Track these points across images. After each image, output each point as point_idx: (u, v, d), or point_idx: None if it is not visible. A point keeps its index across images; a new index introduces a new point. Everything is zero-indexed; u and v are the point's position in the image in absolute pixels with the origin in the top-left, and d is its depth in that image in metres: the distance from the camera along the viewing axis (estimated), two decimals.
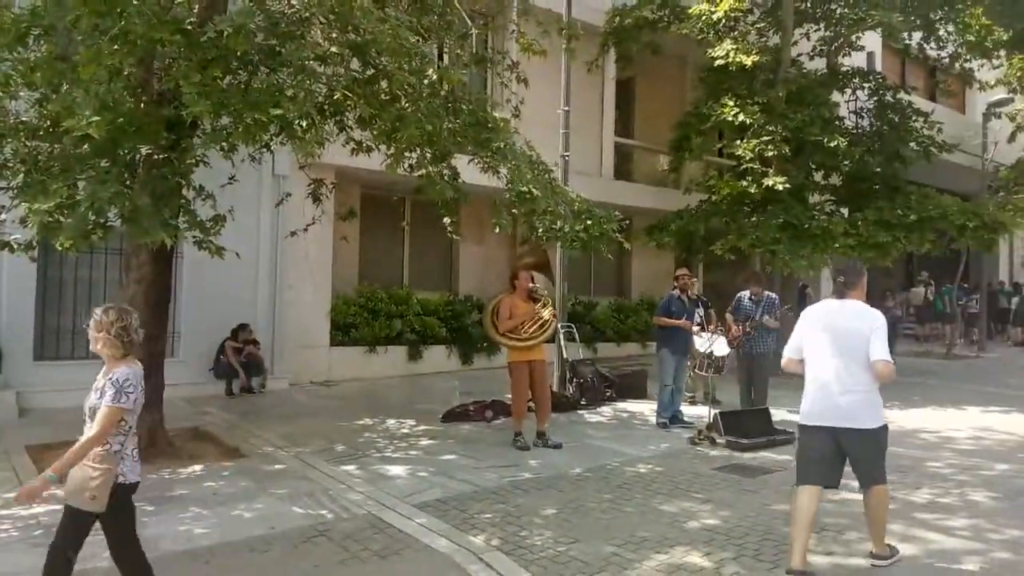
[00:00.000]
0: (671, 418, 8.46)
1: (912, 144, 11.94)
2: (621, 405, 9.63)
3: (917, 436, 8.04)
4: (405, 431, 7.93)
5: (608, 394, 9.84)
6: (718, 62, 11.29)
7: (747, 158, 10.87)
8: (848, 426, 4.07)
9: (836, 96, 13.28)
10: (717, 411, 7.60)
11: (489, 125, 6.55)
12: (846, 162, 11.51)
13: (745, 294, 8.65)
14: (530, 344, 7.12)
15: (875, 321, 4.10)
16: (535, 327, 7.12)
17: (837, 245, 10.88)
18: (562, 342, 9.96)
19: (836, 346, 4.12)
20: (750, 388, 8.50)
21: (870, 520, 4.32)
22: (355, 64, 6.13)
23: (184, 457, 6.79)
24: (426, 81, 5.76)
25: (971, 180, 17.68)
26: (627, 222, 14.67)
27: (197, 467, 6.42)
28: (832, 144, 10.52)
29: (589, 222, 7.61)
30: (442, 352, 12.24)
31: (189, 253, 10.01)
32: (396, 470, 6.34)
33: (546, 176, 7.75)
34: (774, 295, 8.73)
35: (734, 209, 11.85)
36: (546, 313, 7.21)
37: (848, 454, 4.14)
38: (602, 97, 14.80)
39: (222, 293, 10.05)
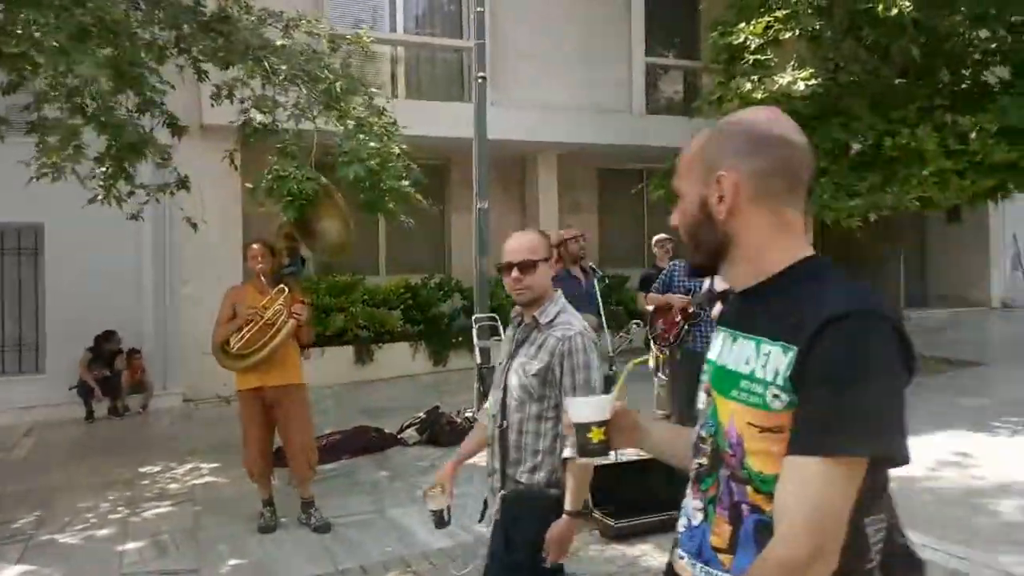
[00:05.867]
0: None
1: None
2: None
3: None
4: (174, 486, 5.59)
5: None
6: None
7: (751, 47, 7.08)
8: None
9: None
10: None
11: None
12: (921, 39, 7.23)
13: (678, 264, 5.38)
14: (249, 362, 4.43)
15: None
16: (252, 332, 4.42)
17: (927, 171, 6.87)
18: (476, 343, 7.06)
19: None
20: (692, 410, 5.20)
21: None
22: None
23: None
24: None
25: None
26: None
27: None
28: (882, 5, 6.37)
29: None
30: (404, 351, 9.74)
31: (51, 245, 8.39)
32: None
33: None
34: None
35: None
36: (269, 313, 4.44)
37: None
38: (628, 3, 11.31)
39: (95, 291, 8.27)
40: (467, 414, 6.47)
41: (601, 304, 5.00)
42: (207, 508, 5.02)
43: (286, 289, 4.52)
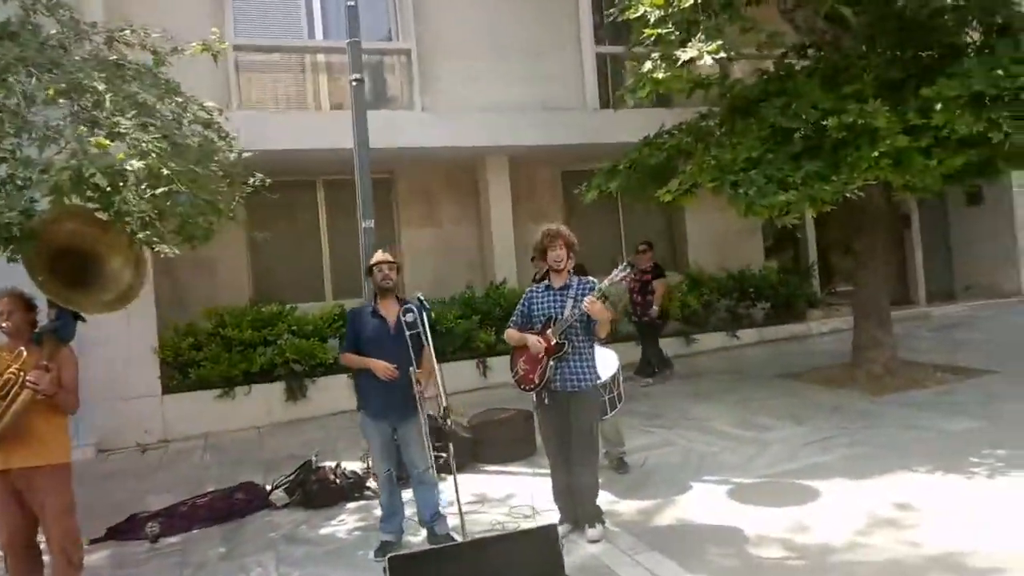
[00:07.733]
0: (431, 530, 4.58)
1: None
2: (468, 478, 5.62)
3: None
4: None
5: (442, 459, 5.86)
6: None
7: (650, 19, 6.02)
8: None
9: None
10: (385, 556, 3.60)
11: None
12: None
13: (535, 288, 4.54)
14: None
15: None
16: None
17: (877, 152, 5.80)
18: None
19: None
20: (567, 461, 4.36)
21: None
22: None
23: None
24: None
25: None
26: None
27: None
28: None
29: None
30: (342, 385, 8.94)
31: None
32: None
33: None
34: (589, 278, 4.49)
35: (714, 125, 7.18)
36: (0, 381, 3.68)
37: None
38: None
39: None
40: (345, 468, 5.65)
41: (411, 348, 4.12)
42: None
43: (24, 352, 3.78)
